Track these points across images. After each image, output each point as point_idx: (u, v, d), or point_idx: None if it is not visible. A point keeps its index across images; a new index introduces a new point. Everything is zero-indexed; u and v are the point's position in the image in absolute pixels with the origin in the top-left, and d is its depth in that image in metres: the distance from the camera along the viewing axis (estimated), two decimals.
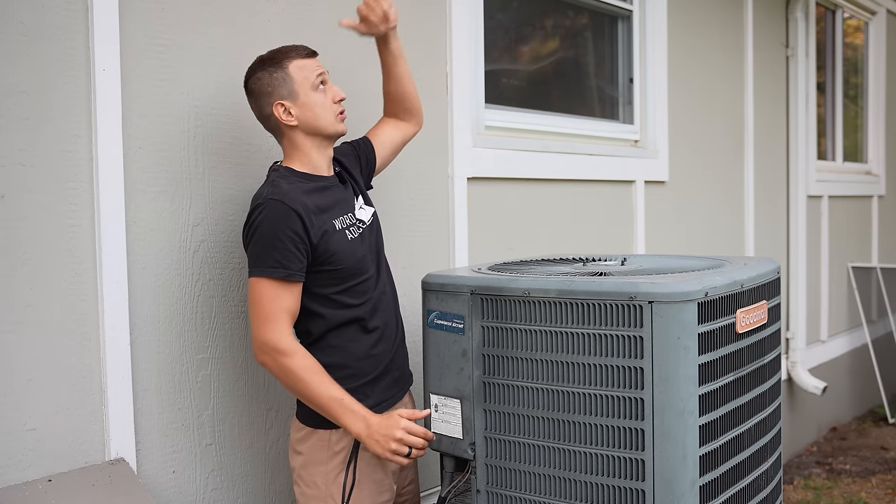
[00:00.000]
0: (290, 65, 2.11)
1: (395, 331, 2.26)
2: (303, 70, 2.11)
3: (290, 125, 2.12)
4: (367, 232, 2.22)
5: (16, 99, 1.92)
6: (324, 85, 2.15)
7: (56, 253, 1.98)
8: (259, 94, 2.12)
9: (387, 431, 2.00)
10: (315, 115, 2.12)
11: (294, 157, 2.16)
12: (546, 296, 2.00)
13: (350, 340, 2.14)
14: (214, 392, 2.30)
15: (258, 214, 2.04)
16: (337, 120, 2.16)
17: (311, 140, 2.15)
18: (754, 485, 2.14)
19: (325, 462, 2.11)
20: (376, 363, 2.18)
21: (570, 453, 1.99)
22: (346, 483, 2.09)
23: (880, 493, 4.63)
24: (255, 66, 2.14)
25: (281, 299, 2.02)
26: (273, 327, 2.01)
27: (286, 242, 2.01)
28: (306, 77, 2.11)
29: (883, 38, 6.66)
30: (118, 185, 2.07)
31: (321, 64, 2.17)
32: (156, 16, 2.17)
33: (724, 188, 4.70)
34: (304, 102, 2.11)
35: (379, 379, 2.18)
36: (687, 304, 1.86)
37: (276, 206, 2.02)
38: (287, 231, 2.01)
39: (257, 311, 2.02)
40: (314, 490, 2.12)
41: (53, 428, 1.98)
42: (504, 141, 3.27)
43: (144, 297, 2.15)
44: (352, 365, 2.14)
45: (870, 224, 6.49)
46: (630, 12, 4.02)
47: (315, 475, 2.12)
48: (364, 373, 2.15)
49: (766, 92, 5.07)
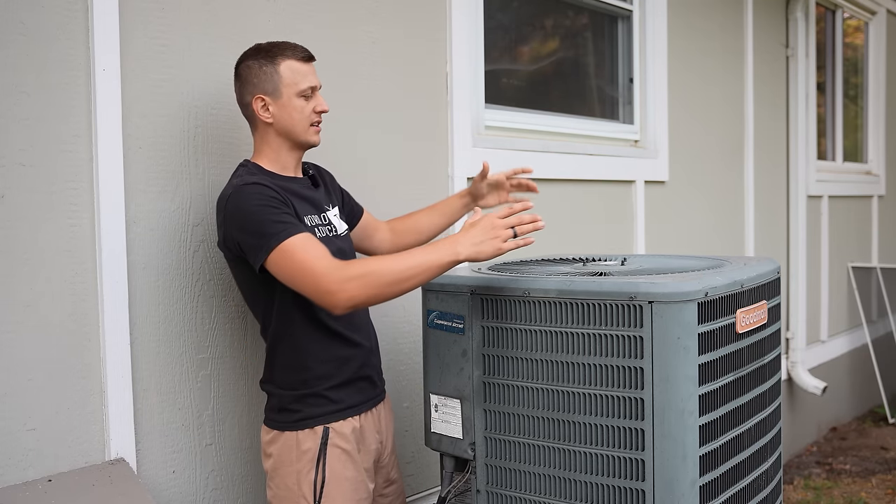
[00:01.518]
0: (282, 63, 2.08)
1: (367, 338, 2.21)
2: (294, 73, 2.09)
3: (265, 121, 2.10)
4: (339, 241, 2.16)
5: (16, 99, 1.92)
6: (312, 93, 2.12)
7: (56, 253, 1.98)
8: (244, 81, 2.11)
9: (484, 227, 1.94)
10: (291, 119, 2.10)
11: (263, 154, 2.14)
12: (546, 296, 2.00)
13: (313, 341, 2.09)
14: (214, 392, 2.30)
15: (233, 201, 1.98)
16: (311, 130, 2.13)
17: (281, 140, 2.12)
18: (754, 485, 2.14)
19: (293, 462, 2.08)
20: (339, 367, 2.12)
21: (570, 453, 1.99)
22: (316, 481, 2.06)
23: (880, 493, 4.63)
24: (250, 52, 2.12)
25: (308, 248, 1.93)
26: (324, 270, 1.90)
27: (272, 209, 1.95)
28: (295, 81, 2.09)
29: (883, 38, 6.66)
30: (118, 185, 2.07)
31: (315, 73, 2.14)
32: (156, 16, 2.17)
33: (724, 188, 4.70)
34: (284, 104, 2.09)
35: (344, 385, 2.13)
36: (687, 304, 1.86)
37: (248, 188, 1.98)
38: (269, 200, 1.96)
39: (300, 277, 1.92)
40: (285, 492, 2.09)
41: (53, 428, 1.98)
42: (504, 141, 3.27)
43: (144, 297, 2.15)
44: (314, 367, 2.09)
45: (870, 224, 6.49)
46: (630, 12, 4.02)
47: (286, 476, 2.09)
48: (327, 376, 2.10)
49: (766, 92, 5.07)
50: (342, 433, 2.10)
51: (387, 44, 2.77)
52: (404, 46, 2.86)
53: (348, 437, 2.11)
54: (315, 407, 2.09)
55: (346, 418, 2.12)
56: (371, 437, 2.19)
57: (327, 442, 2.08)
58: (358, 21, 2.69)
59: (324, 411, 2.09)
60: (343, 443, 2.10)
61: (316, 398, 2.09)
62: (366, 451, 2.18)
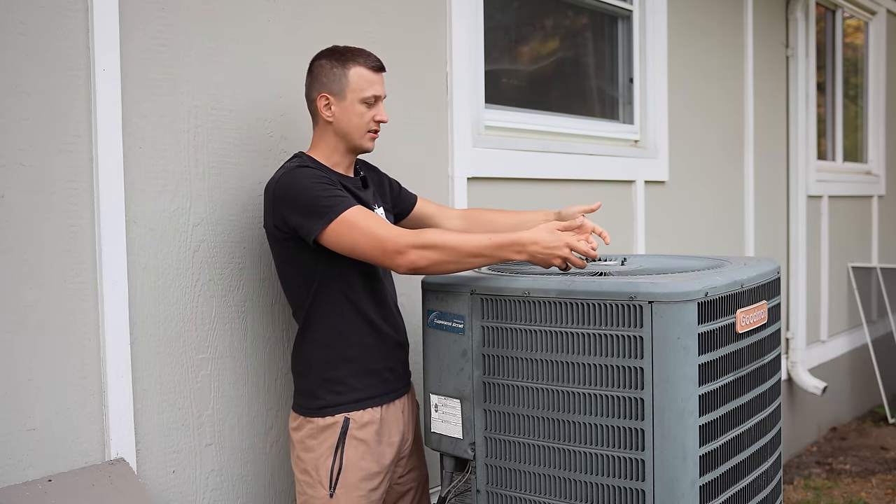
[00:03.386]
0: (353, 68, 2.19)
1: (396, 330, 2.28)
2: (361, 80, 2.19)
3: (326, 119, 2.20)
4: None
5: (16, 99, 1.92)
6: (375, 102, 2.21)
7: (56, 253, 1.98)
8: (314, 78, 2.22)
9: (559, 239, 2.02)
10: (350, 122, 2.19)
11: (318, 149, 2.24)
12: (546, 296, 2.00)
13: (346, 324, 2.17)
14: (214, 392, 2.30)
15: (284, 181, 2.09)
16: (367, 136, 2.23)
17: (338, 140, 2.22)
18: (754, 485, 2.14)
19: (314, 449, 2.17)
20: (366, 353, 2.19)
21: (570, 453, 1.99)
22: (333, 468, 2.14)
23: (880, 493, 4.63)
24: (326, 52, 2.22)
25: (369, 216, 2.06)
26: (390, 234, 2.02)
27: (325, 185, 2.07)
28: (362, 87, 2.19)
29: (883, 38, 6.66)
30: (118, 185, 2.07)
31: (383, 84, 2.23)
32: (156, 16, 2.17)
33: (724, 188, 4.70)
34: (346, 106, 2.19)
35: (368, 373, 2.20)
36: (687, 304, 1.86)
37: (300, 170, 2.11)
38: (321, 178, 2.10)
39: (364, 241, 2.02)
40: (306, 476, 2.19)
41: (53, 428, 1.98)
42: (504, 141, 3.27)
43: (144, 297, 2.15)
44: (342, 349, 2.17)
45: (870, 224, 6.49)
46: (630, 12, 4.02)
47: (307, 462, 2.18)
48: (353, 359, 2.17)
49: (766, 92, 5.07)
50: (361, 424, 2.17)
51: (387, 43, 2.76)
52: (404, 46, 2.86)
53: (367, 428, 2.18)
54: (337, 395, 2.16)
55: (366, 408, 2.18)
56: (394, 430, 2.25)
57: (347, 432, 2.15)
58: (358, 21, 2.69)
59: (345, 400, 2.16)
60: (362, 433, 2.17)
61: (339, 385, 2.16)
62: (388, 444, 2.23)
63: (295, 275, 2.19)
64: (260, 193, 2.37)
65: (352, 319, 2.18)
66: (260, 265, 2.40)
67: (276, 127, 2.44)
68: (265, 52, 2.41)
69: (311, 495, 2.17)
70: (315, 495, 2.16)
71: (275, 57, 2.43)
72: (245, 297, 2.36)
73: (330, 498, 2.14)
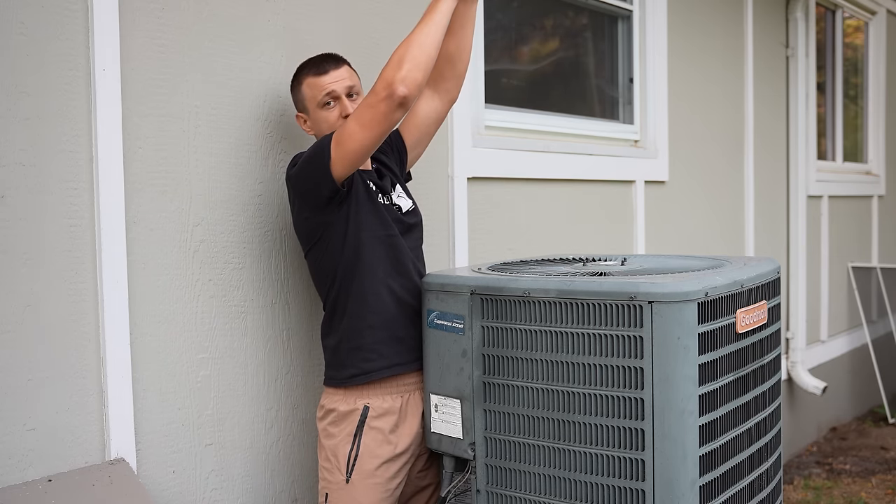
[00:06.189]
0: (304, 82, 2.27)
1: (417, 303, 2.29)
2: (312, 88, 2.25)
3: (309, 135, 2.35)
4: (406, 217, 2.32)
5: (16, 99, 1.92)
6: (333, 102, 2.25)
7: (56, 253, 1.98)
8: (292, 102, 2.35)
9: None
10: (321, 130, 2.26)
11: None
12: (546, 296, 2.00)
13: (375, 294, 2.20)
14: (214, 392, 2.30)
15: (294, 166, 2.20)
16: None
17: None
18: (754, 485, 2.14)
19: (335, 436, 2.22)
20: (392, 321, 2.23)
21: (570, 453, 1.99)
22: (350, 454, 2.18)
23: (880, 493, 4.63)
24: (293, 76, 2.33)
25: (345, 124, 2.12)
26: (368, 102, 2.05)
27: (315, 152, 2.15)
28: (314, 95, 2.25)
29: (883, 38, 6.66)
30: (118, 185, 2.07)
31: (337, 78, 2.24)
32: (156, 16, 2.17)
33: (724, 188, 4.70)
34: (314, 118, 2.28)
35: (394, 340, 2.23)
36: (687, 304, 1.86)
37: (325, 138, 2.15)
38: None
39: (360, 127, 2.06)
40: (326, 463, 2.24)
41: (53, 428, 1.98)
42: (504, 141, 3.27)
43: (144, 296, 2.15)
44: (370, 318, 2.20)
45: (870, 224, 6.49)
46: (630, 12, 4.02)
47: (327, 449, 2.24)
48: (379, 325, 2.21)
49: (766, 92, 5.07)
50: (380, 413, 2.20)
51: (387, 43, 2.76)
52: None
53: (386, 417, 2.21)
54: (366, 362, 2.20)
55: (394, 374, 2.22)
56: (414, 421, 2.27)
57: (366, 420, 2.19)
58: (361, 21, 2.69)
59: (374, 367, 2.20)
60: (380, 423, 2.20)
61: (369, 352, 2.20)
62: (408, 433, 2.25)
63: (322, 256, 2.23)
64: (260, 193, 2.38)
65: (377, 290, 2.21)
66: (260, 265, 2.40)
67: (276, 127, 2.44)
68: (265, 52, 2.41)
69: (330, 481, 2.21)
70: (333, 480, 2.20)
71: (275, 57, 2.43)
72: (245, 297, 2.36)
73: (346, 483, 2.18)
